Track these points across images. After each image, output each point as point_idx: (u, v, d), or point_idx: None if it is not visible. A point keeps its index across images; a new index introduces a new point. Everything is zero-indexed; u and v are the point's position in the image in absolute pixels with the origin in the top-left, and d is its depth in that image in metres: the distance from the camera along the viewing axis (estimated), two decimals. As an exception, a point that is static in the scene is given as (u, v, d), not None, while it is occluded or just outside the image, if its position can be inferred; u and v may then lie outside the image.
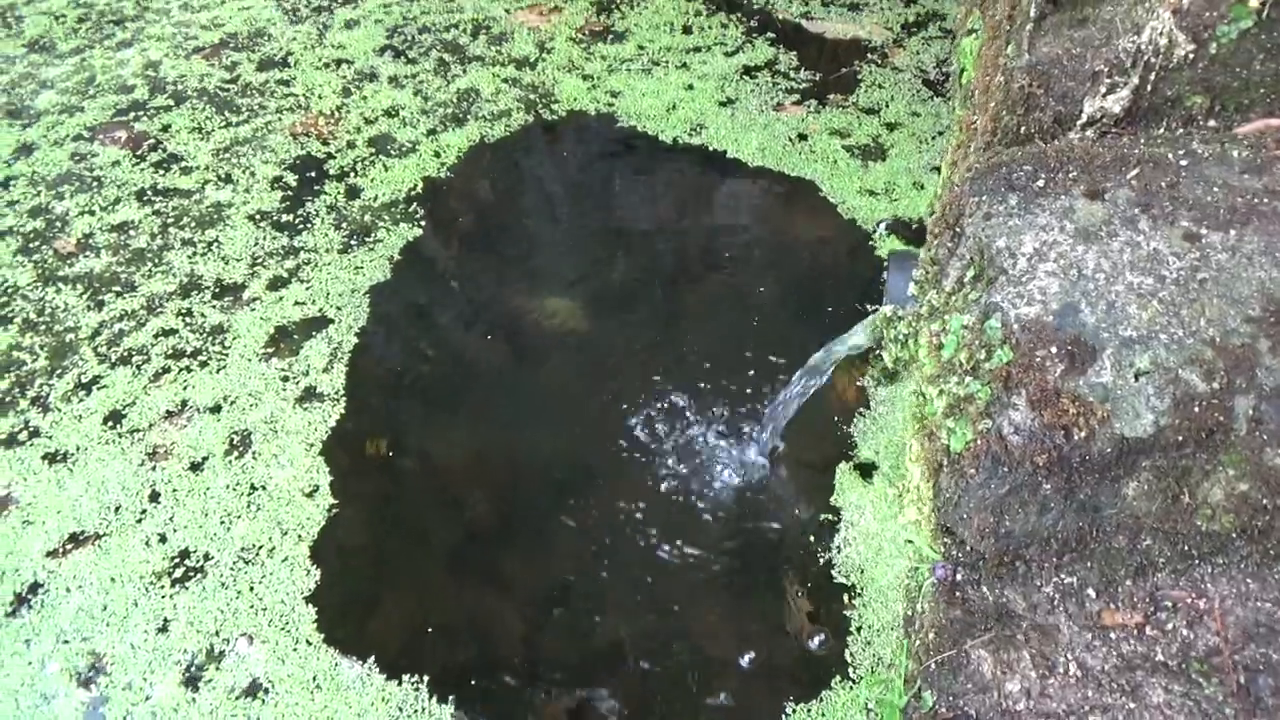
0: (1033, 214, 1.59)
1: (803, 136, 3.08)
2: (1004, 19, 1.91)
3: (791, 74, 3.38)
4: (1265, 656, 1.38)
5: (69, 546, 2.10)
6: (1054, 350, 1.43)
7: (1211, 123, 1.70)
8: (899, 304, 1.74)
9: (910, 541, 1.87)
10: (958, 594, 1.57)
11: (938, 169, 2.91)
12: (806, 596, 1.95)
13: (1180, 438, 1.38)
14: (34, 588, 2.02)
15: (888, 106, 3.19)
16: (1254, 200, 1.53)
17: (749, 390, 2.34)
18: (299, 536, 2.09)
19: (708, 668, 1.85)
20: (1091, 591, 1.51)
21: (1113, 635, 1.46)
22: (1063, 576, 1.53)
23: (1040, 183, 1.64)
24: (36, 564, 2.06)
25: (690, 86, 3.35)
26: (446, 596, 1.99)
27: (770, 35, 3.59)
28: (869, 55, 3.44)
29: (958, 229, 1.67)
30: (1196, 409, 1.37)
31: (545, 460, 2.24)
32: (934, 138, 3.03)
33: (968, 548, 1.60)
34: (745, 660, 1.86)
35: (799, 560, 2.00)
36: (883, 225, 2.68)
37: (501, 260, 2.76)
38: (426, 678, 1.84)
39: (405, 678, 1.84)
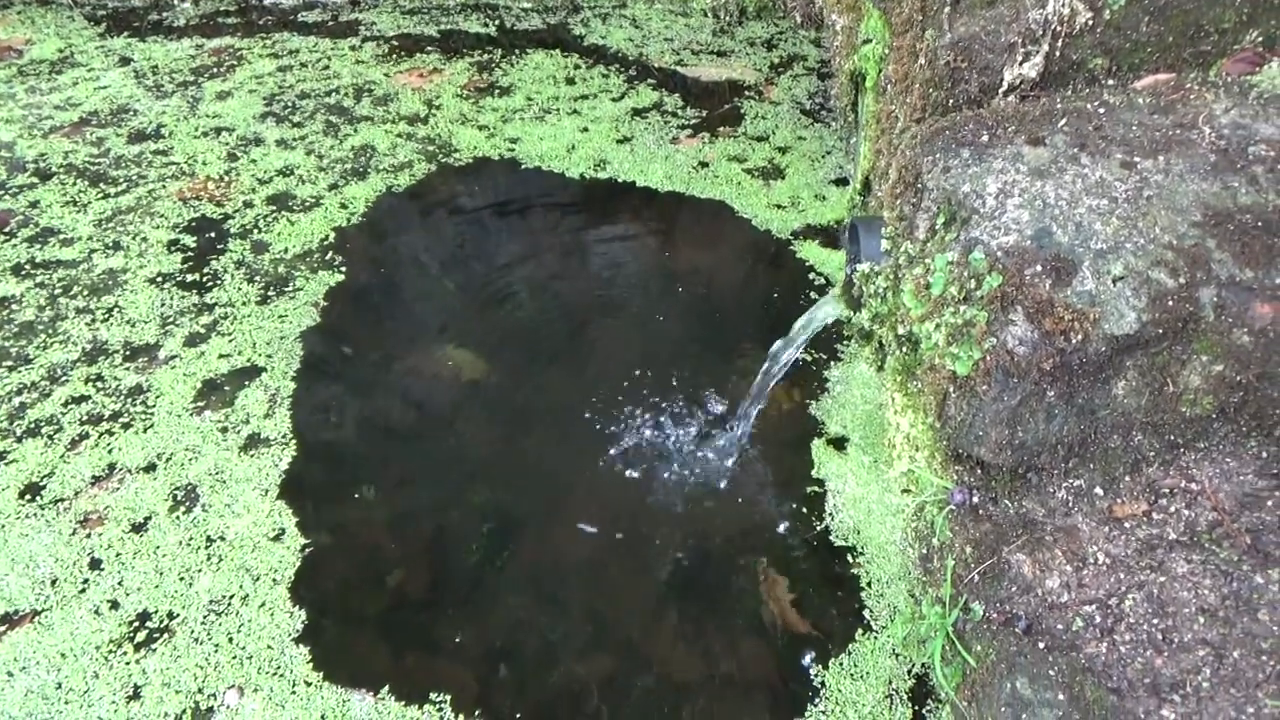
0: (987, 162, 1.75)
1: (704, 164, 3.23)
2: (914, 12, 2.12)
3: (679, 112, 3.55)
4: (1260, 519, 1.52)
5: (2, 629, 1.86)
6: (1039, 268, 1.56)
7: (1111, 81, 1.93)
8: (874, 261, 1.85)
9: (908, 490, 1.95)
10: (980, 512, 1.65)
11: (836, 182, 3.12)
12: (792, 578, 1.97)
13: (1160, 330, 1.53)
14: (-34, 678, 1.78)
15: (775, 134, 3.40)
16: (1169, 133, 1.74)
17: (698, 395, 2.39)
18: (274, 580, 1.95)
19: (692, 686, 1.80)
20: (1099, 490, 1.62)
21: (1126, 525, 1.58)
22: (1071, 480, 1.64)
23: (985, 138, 1.81)
24: (-36, 653, 1.82)
25: (585, 129, 3.45)
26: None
27: (651, 81, 3.77)
28: (746, 93, 3.67)
29: (918, 186, 1.81)
30: (1170, 303, 1.53)
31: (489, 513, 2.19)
32: (824, 156, 3.25)
33: (979, 472, 1.69)
34: (736, 664, 1.83)
35: (790, 536, 2.03)
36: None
37: (435, 297, 2.73)
38: (449, 697, 1.74)
39: (432, 696, 1.73)
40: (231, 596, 1.91)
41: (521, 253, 2.91)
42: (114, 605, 1.90)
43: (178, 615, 1.88)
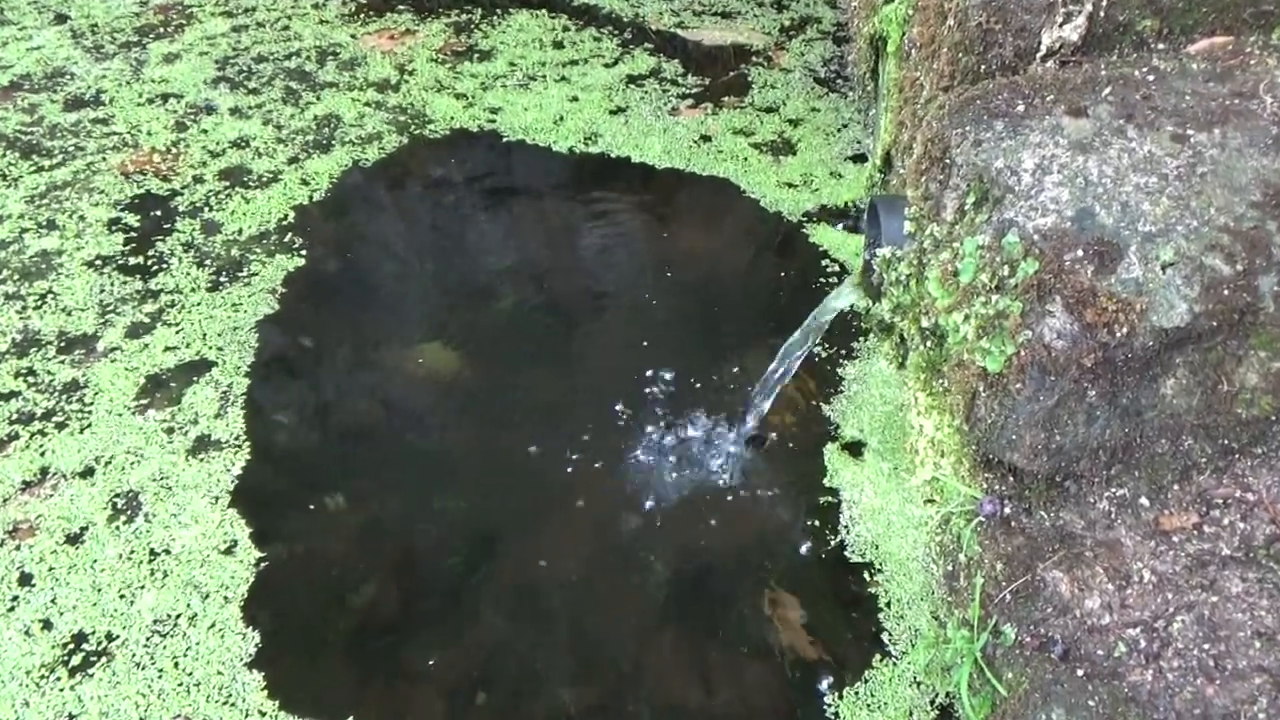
0: (1023, 135, 1.74)
1: (706, 138, 3.23)
2: (943, -31, 2.11)
3: (679, 80, 3.55)
4: (1324, 534, 1.52)
5: (-80, 651, 1.85)
6: (1080, 253, 1.56)
7: (1161, 45, 1.93)
8: (896, 245, 1.84)
9: (932, 501, 1.95)
10: (1013, 524, 1.65)
11: (853, 158, 3.12)
12: (802, 597, 1.97)
13: (1214, 323, 1.53)
14: (-121, 709, 1.77)
15: (785, 104, 3.40)
16: (1225, 103, 1.74)
17: (699, 395, 2.39)
18: (225, 598, 1.94)
19: (690, 717, 1.79)
20: (1144, 500, 1.62)
21: (1174, 539, 1.57)
22: (1114, 490, 1.64)
23: (1021, 108, 1.80)
24: (-123, 680, 1.81)
25: (575, 98, 3.45)
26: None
27: (647, 46, 3.76)
28: (753, 59, 3.67)
29: (946, 161, 1.81)
30: (1225, 292, 1.53)
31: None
32: (840, 129, 3.25)
33: (1011, 479, 1.69)
34: (739, 693, 1.82)
35: (800, 551, 2.03)
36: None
37: (407, 284, 2.72)
38: (419, 728, 1.74)
39: (399, 727, 1.73)
40: (177, 616, 1.90)
41: (503, 235, 2.91)
42: (46, 625, 1.89)
43: (117, 637, 1.87)
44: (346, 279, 2.73)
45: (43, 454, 2.21)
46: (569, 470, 2.20)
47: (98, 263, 2.74)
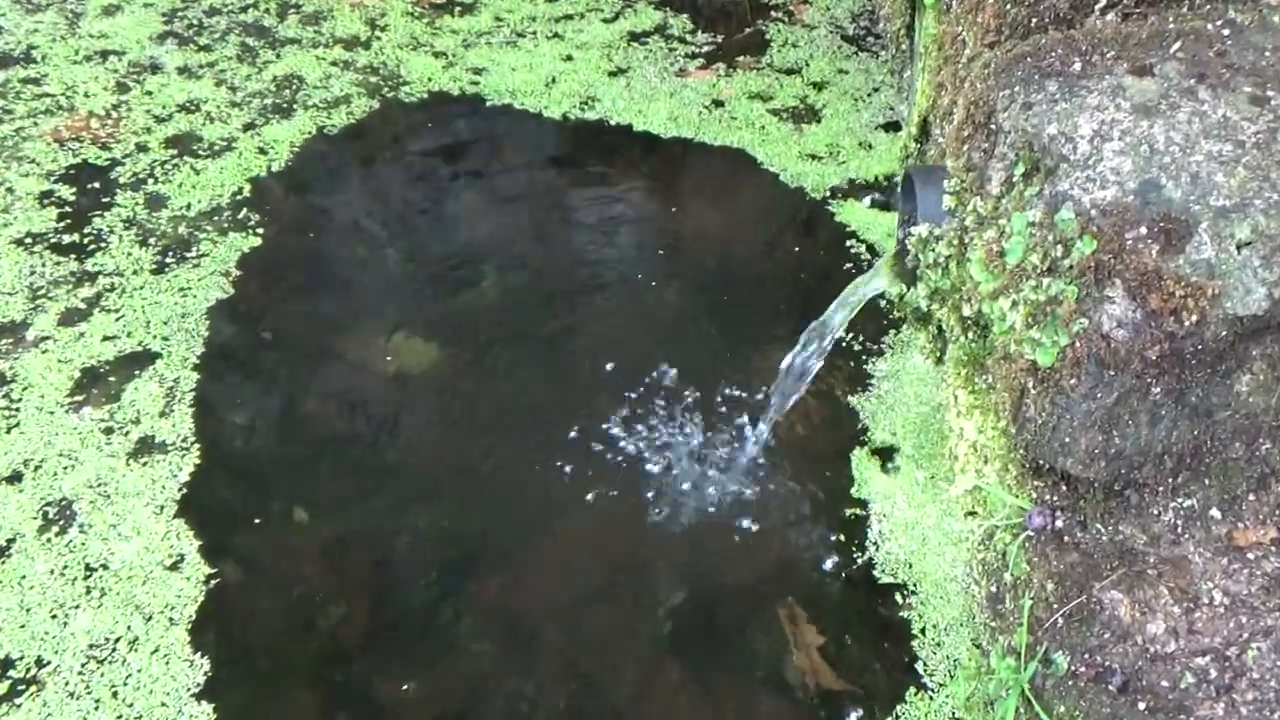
0: (1080, 97, 1.74)
1: (718, 103, 3.24)
2: (988, -91, 2.11)
3: (688, 38, 3.56)
4: None
5: None
6: (1144, 231, 1.56)
7: (1238, -4, 1.93)
8: (934, 222, 1.84)
9: (973, 513, 1.95)
10: (1065, 540, 1.65)
11: (885, 126, 3.12)
12: (825, 623, 1.97)
13: (1296, 311, 1.52)
14: None
15: (808, 66, 3.40)
16: (1310, 62, 1.74)
17: (708, 394, 2.39)
18: (170, 620, 1.95)
19: None
20: (1215, 512, 1.62)
21: (1250, 556, 1.58)
22: (1181, 500, 1.64)
23: (1077, 66, 1.81)
24: None
25: (569, 57, 3.46)
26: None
27: (652, -1, 3.77)
28: (772, 14, 3.67)
29: (991, 127, 1.81)
30: (1310, 276, 1.52)
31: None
32: (870, 94, 3.25)
33: (1064, 488, 1.69)
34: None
35: (824, 570, 2.04)
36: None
37: (377, 268, 2.72)
38: (390, 767, 1.74)
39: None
40: (117, 639, 1.91)
41: (486, 213, 2.91)
42: (-33, 650, 1.90)
43: (49, 662, 1.88)
44: (308, 261, 2.74)
45: (-36, 456, 2.22)
46: (561, 479, 2.20)
47: (27, 241, 2.75)
